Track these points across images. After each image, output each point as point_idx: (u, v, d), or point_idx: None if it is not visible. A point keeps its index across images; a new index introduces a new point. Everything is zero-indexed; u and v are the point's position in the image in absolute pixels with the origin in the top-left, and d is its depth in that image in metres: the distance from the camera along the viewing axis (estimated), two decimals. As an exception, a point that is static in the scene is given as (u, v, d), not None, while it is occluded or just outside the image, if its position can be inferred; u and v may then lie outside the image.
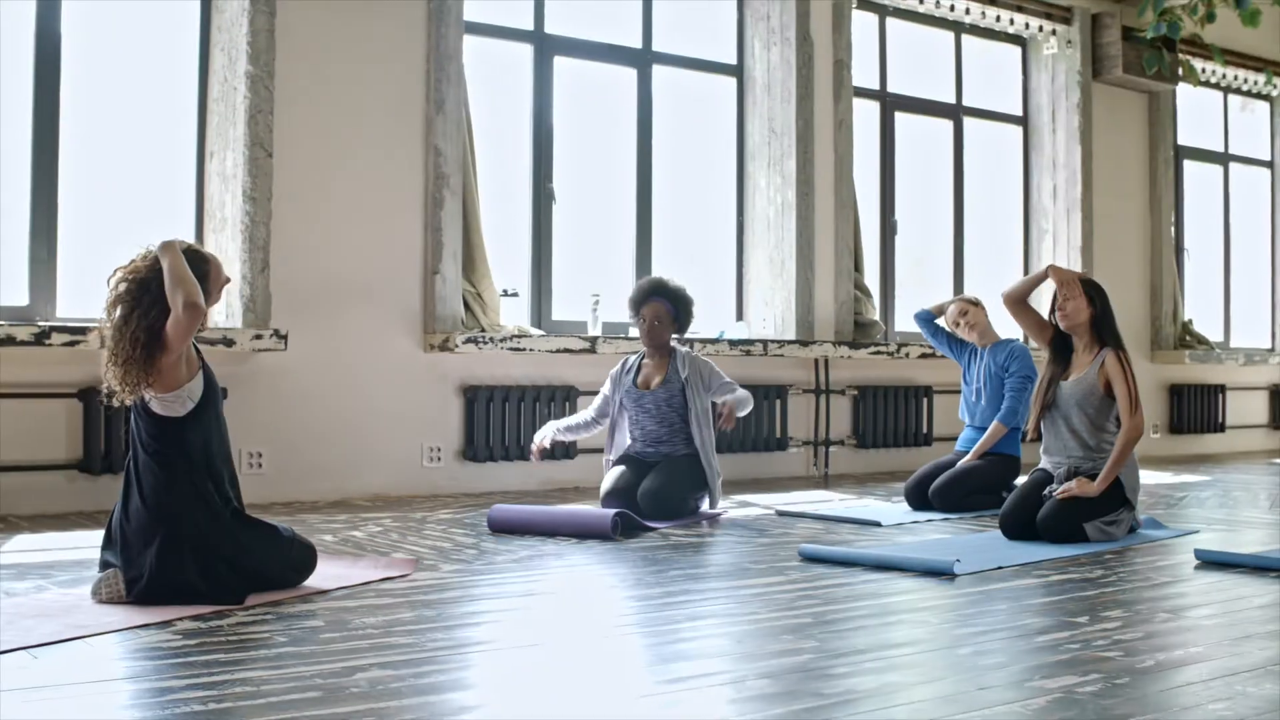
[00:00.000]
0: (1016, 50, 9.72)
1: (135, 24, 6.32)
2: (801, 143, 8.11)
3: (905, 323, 9.01)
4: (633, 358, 6.12)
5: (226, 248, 6.25)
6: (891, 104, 9.03)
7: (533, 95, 7.52)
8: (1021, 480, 6.39)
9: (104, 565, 3.70)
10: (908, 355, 8.43)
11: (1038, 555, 4.58)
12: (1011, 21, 9.24)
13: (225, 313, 6.26)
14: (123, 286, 3.67)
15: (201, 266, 3.77)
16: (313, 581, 3.90)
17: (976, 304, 6.50)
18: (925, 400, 8.68)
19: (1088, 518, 4.94)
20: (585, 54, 7.73)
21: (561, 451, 7.15)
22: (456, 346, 6.66)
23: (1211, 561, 4.43)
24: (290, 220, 6.34)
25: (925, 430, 8.67)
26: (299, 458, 6.35)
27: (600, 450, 7.17)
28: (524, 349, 6.92)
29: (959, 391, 8.80)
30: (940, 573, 4.18)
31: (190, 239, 3.98)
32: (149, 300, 3.63)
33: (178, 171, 6.41)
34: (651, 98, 7.99)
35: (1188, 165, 10.59)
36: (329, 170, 6.51)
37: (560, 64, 7.60)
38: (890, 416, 8.51)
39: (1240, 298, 11.07)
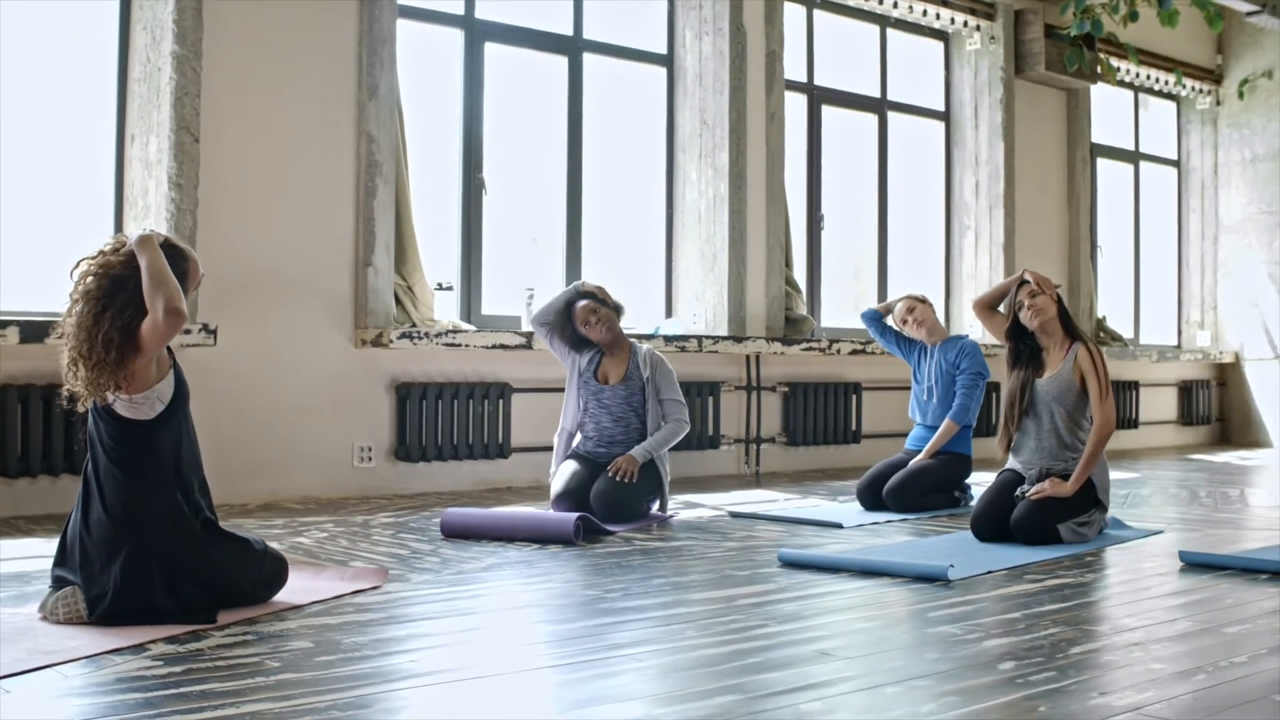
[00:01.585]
0: (939, 45, 9.69)
1: (49, -2, 5.94)
2: (734, 135, 7.97)
3: (831, 319, 8.93)
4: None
5: (150, 237, 5.90)
6: (818, 97, 8.93)
7: (463, 82, 7.26)
8: (974, 480, 6.38)
9: (59, 582, 3.38)
10: (839, 352, 8.34)
11: (1021, 558, 4.48)
12: (938, 16, 9.21)
13: (149, 306, 5.90)
14: (92, 281, 3.34)
15: (180, 264, 3.46)
16: (282, 595, 3.64)
17: (924, 301, 6.41)
18: (855, 397, 8.60)
19: (1061, 518, 4.87)
20: (516, 40, 7.49)
21: (496, 451, 6.92)
22: (391, 342, 6.40)
23: (1196, 564, 4.38)
24: (218, 209, 6.01)
25: (855, 428, 8.60)
26: (226, 458, 5.98)
27: (531, 449, 6.99)
28: (459, 344, 6.67)
29: (889, 389, 8.82)
30: (933, 578, 4.06)
31: (164, 231, 3.62)
32: (124, 299, 3.32)
33: (95, 155, 6.03)
34: (582, 87, 7.77)
35: (1100, 163, 10.68)
36: (258, 157, 6.19)
37: (491, 51, 7.35)
38: (820, 414, 8.42)
39: (1148, 295, 11.21)
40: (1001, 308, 5.37)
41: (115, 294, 3.31)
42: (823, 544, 4.94)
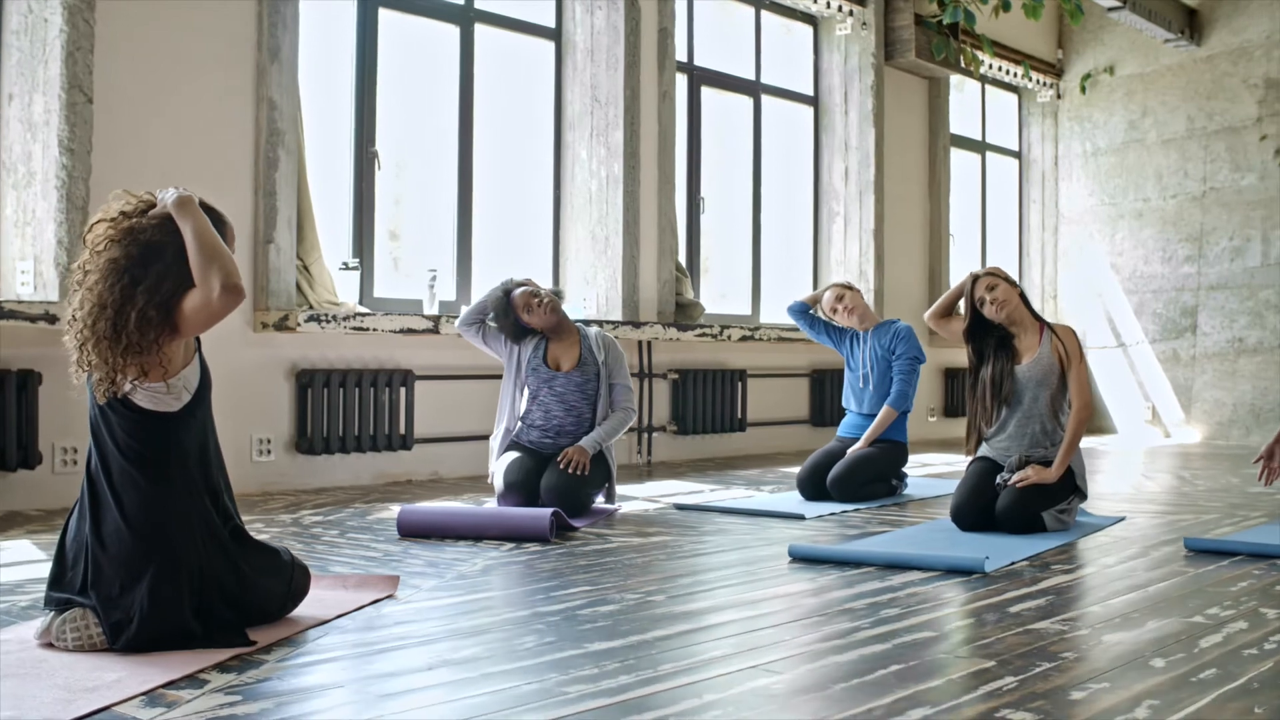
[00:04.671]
0: (809, 29, 9.61)
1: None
2: (629, 114, 7.70)
3: (710, 304, 8.76)
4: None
5: (36, 206, 5.30)
6: (699, 78, 8.74)
7: (356, 51, 6.78)
8: (907, 468, 6.29)
9: (60, 605, 2.86)
10: (730, 338, 8.17)
11: (1030, 549, 4.37)
12: (814, 0, 9.11)
13: (37, 284, 5.29)
14: (118, 249, 2.84)
15: (219, 230, 3.00)
16: (299, 609, 3.22)
17: (852, 288, 6.26)
18: (740, 385, 8.44)
19: (1044, 505, 4.79)
20: (409, 7, 7.04)
21: (398, 443, 6.49)
22: (299, 325, 5.92)
23: (1201, 550, 4.35)
24: (111, 177, 5.38)
25: (741, 416, 8.44)
26: (121, 455, 5.44)
27: (432, 440, 6.63)
28: (366, 329, 6.23)
29: (773, 376, 8.71)
30: (969, 571, 3.90)
31: (198, 192, 3.02)
32: (159, 270, 2.84)
33: (-33, 116, 5.38)
34: (474, 59, 7.37)
35: (953, 152, 10.79)
36: (154, 122, 5.64)
37: (385, 18, 6.88)
38: (708, 401, 8.23)
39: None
40: (959, 310, 5.25)
41: (149, 264, 2.84)
42: (805, 536, 4.74)
